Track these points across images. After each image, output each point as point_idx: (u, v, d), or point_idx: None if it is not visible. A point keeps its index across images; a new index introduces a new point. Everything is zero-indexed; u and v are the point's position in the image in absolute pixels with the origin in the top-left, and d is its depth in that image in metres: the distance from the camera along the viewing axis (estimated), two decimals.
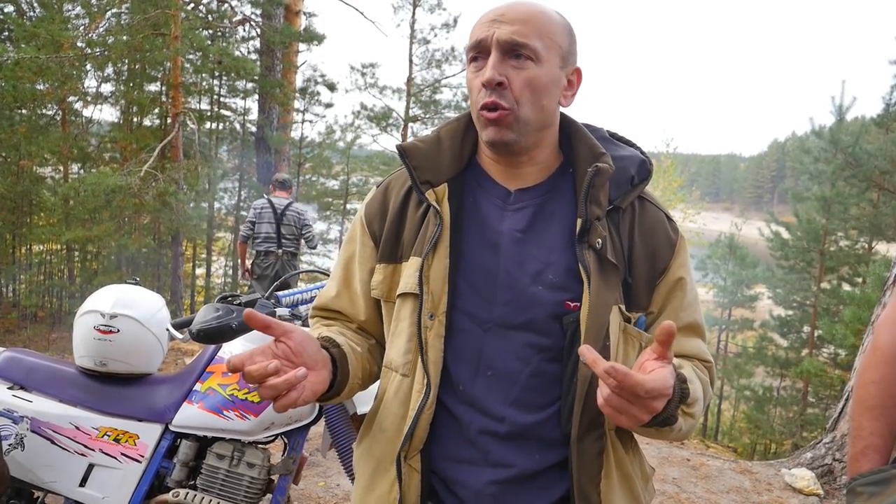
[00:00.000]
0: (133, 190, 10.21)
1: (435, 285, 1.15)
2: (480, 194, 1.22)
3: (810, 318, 12.12)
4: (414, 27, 15.41)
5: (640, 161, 1.21)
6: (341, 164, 15.33)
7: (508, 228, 1.18)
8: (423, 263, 1.15)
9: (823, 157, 11.26)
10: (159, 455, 2.25)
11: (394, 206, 1.25)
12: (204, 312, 2.05)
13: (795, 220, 12.50)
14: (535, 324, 1.14)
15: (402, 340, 1.19)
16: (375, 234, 1.27)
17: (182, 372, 2.40)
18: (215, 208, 15.35)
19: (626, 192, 1.18)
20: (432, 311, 1.15)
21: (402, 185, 1.27)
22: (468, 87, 1.17)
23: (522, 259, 1.16)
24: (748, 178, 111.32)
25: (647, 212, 1.21)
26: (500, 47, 1.10)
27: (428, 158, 1.20)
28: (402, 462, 1.17)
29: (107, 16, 11.82)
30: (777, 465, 4.65)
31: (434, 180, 1.20)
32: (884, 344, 1.30)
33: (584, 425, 1.11)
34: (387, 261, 1.24)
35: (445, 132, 1.24)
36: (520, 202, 1.19)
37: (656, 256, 1.18)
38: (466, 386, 1.16)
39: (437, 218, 1.17)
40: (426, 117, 16.15)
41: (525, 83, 1.11)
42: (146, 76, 13.42)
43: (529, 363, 1.14)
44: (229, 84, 15.37)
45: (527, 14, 1.12)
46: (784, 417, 12.14)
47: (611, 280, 1.13)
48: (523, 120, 1.12)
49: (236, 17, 14.12)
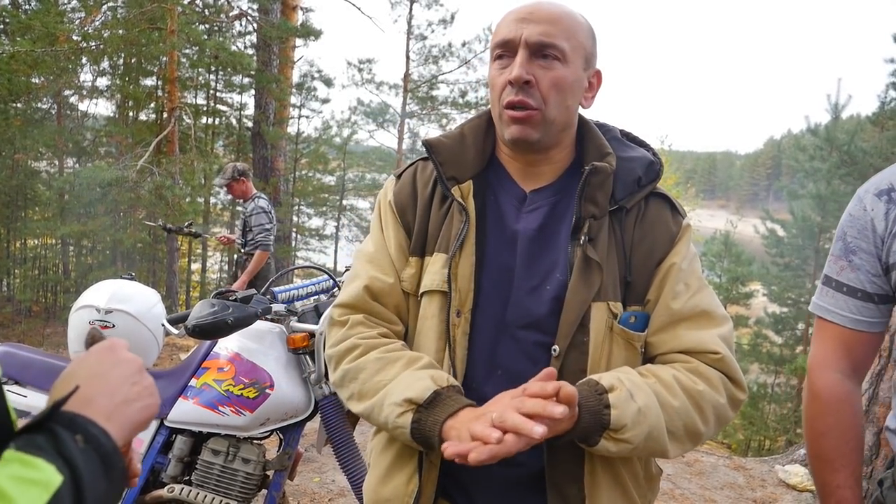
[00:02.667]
0: (129, 184, 10.19)
1: (462, 283, 1.16)
2: (501, 193, 1.22)
3: (805, 315, 12.17)
4: (411, 23, 15.41)
5: (648, 162, 1.21)
6: (337, 159, 15.33)
7: (524, 229, 1.18)
8: (451, 261, 1.15)
9: (819, 155, 11.30)
10: (154, 450, 2.25)
11: (423, 198, 1.24)
12: (200, 308, 2.04)
13: (791, 217, 12.55)
14: (539, 324, 1.14)
15: (430, 339, 1.18)
16: (409, 225, 1.24)
17: (177, 367, 2.39)
18: (211, 203, 15.32)
19: (633, 192, 1.18)
20: (459, 309, 1.15)
21: (429, 177, 1.25)
22: (491, 85, 1.16)
23: (533, 261, 1.17)
24: (744, 176, 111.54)
25: (651, 209, 1.20)
26: (528, 47, 1.11)
27: (454, 154, 1.21)
28: (424, 457, 1.16)
29: (103, 9, 11.77)
30: (771, 462, 4.67)
31: (460, 177, 1.20)
32: (822, 391, 1.27)
33: None
34: (419, 254, 1.22)
35: (469, 128, 1.24)
36: (534, 203, 1.20)
37: (654, 249, 1.18)
38: (479, 385, 1.16)
39: (462, 215, 1.17)
40: (423, 113, 16.14)
41: (552, 83, 1.11)
42: (142, 70, 13.40)
43: (539, 363, 1.13)
44: (226, 79, 15.35)
45: (555, 15, 1.13)
46: (778, 414, 12.20)
47: (592, 278, 1.12)
48: (549, 120, 1.13)
49: (233, 12, 14.07)
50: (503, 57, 1.14)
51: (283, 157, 14.10)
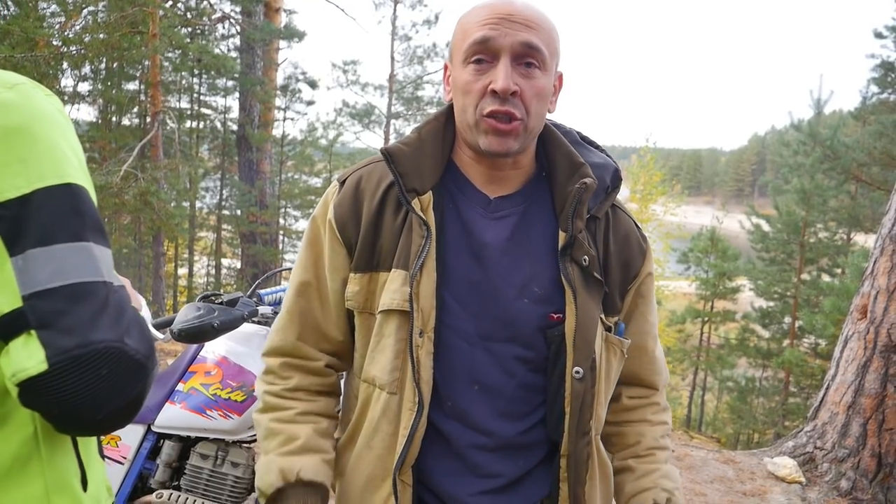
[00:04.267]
0: (113, 189, 10.10)
1: (424, 302, 1.09)
2: (461, 201, 1.16)
3: (791, 308, 12.29)
4: (395, 24, 15.38)
5: (613, 169, 1.21)
6: (324, 161, 15.28)
7: (493, 238, 1.13)
8: (413, 280, 1.08)
9: (802, 151, 11.41)
10: (142, 456, 2.23)
11: (369, 210, 1.14)
12: (185, 312, 2.03)
13: (775, 212, 12.67)
14: (520, 337, 1.13)
15: (387, 357, 1.13)
16: (350, 241, 1.16)
17: (164, 372, 2.37)
18: (197, 207, 15.23)
19: (602, 200, 1.18)
20: (421, 329, 1.09)
21: (377, 185, 1.16)
22: (463, 89, 1.09)
23: (508, 272, 1.13)
24: (729, 172, 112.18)
25: (620, 220, 1.22)
26: (512, 53, 1.05)
27: (414, 164, 1.12)
28: (397, 478, 1.14)
29: (83, 13, 11.66)
30: (760, 455, 4.70)
31: (420, 188, 1.12)
32: None
33: (575, 436, 1.13)
34: (363, 270, 1.15)
35: (426, 132, 1.16)
36: (501, 210, 1.15)
37: (630, 264, 1.20)
38: (454, 401, 1.13)
39: (423, 229, 1.09)
40: (409, 114, 16.13)
41: (535, 93, 1.07)
42: (124, 75, 13.30)
43: (515, 376, 1.13)
44: (209, 82, 15.28)
45: (536, 18, 1.07)
46: (766, 407, 12.31)
47: (595, 294, 1.14)
48: (529, 129, 1.10)
49: (216, 15, 14.00)
50: (481, 61, 1.07)
51: (269, 160, 14.04)
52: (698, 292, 14.71)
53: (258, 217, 13.48)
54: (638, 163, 19.44)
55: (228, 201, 15.72)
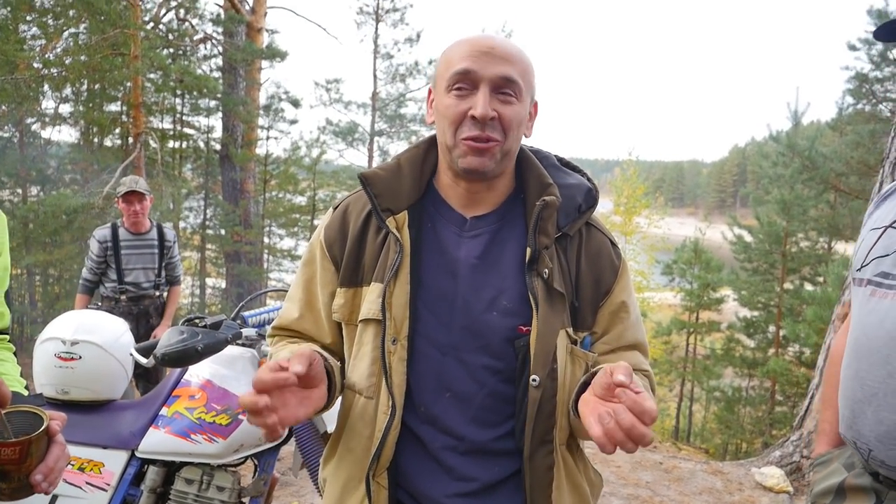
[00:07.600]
0: (95, 210, 10.02)
1: (397, 311, 1.19)
2: (438, 221, 1.26)
3: (775, 318, 12.37)
4: (377, 42, 15.47)
5: (587, 189, 1.28)
6: (307, 179, 15.23)
7: (465, 255, 1.23)
8: (385, 290, 1.19)
9: (781, 162, 11.55)
10: (126, 483, 2.20)
11: (353, 231, 1.27)
12: (168, 336, 2.02)
13: (757, 223, 12.79)
14: (490, 348, 1.20)
15: (365, 364, 1.23)
16: (336, 259, 1.29)
17: (147, 397, 2.35)
18: (180, 228, 15.12)
19: (574, 219, 1.25)
20: (395, 336, 1.19)
21: (362, 209, 1.29)
22: (444, 114, 1.18)
23: (479, 286, 1.21)
24: (711, 184, 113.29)
25: (593, 238, 1.28)
26: (491, 84, 1.15)
27: (389, 186, 1.23)
28: (371, 480, 1.21)
29: (64, 36, 11.63)
30: (747, 465, 4.72)
31: (394, 208, 1.23)
32: (833, 347, 1.50)
33: (534, 443, 1.19)
34: (348, 285, 1.27)
35: (405, 159, 1.27)
36: (475, 229, 1.24)
37: (601, 280, 1.26)
38: (427, 406, 1.21)
39: (397, 245, 1.20)
40: (392, 131, 16.19)
41: (511, 118, 1.16)
42: (106, 96, 13.21)
43: (485, 385, 1.20)
44: (192, 102, 15.20)
45: (513, 54, 1.17)
46: (753, 417, 12.35)
47: (557, 306, 1.20)
48: (506, 151, 1.18)
49: (197, 36, 14.00)
50: (462, 89, 1.16)
51: (253, 179, 14.01)
52: (683, 303, 14.77)
53: (242, 236, 13.42)
54: (621, 176, 19.61)
55: (212, 221, 15.62)
